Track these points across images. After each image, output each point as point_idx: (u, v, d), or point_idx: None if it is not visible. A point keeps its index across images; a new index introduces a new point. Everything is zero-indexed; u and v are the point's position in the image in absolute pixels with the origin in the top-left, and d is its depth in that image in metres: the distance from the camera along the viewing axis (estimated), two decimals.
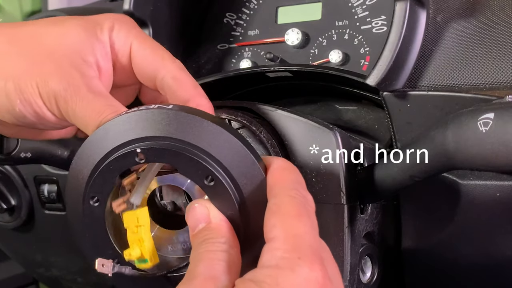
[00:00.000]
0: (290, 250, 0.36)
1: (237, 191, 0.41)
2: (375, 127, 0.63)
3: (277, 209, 0.38)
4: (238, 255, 0.39)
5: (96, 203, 0.43)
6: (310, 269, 0.35)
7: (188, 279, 0.37)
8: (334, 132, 0.49)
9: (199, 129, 0.41)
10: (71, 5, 1.15)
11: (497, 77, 0.53)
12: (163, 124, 0.41)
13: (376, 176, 0.49)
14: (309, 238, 0.37)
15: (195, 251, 0.39)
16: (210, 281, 0.36)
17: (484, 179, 0.53)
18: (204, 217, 0.40)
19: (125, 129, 0.42)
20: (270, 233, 0.37)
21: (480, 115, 0.41)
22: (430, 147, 0.45)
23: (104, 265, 0.43)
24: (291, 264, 0.35)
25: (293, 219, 0.37)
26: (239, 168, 0.41)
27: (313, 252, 0.36)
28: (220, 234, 0.39)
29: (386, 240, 0.57)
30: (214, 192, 0.40)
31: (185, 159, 0.40)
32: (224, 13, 0.77)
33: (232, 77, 0.66)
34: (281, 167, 0.41)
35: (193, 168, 0.40)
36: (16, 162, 0.59)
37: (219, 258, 0.37)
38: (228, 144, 0.41)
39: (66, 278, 0.92)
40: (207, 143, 0.41)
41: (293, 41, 0.70)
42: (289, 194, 0.39)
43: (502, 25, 0.55)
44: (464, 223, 0.56)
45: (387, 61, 0.55)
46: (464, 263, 0.58)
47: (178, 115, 0.41)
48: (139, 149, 0.41)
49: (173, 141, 0.41)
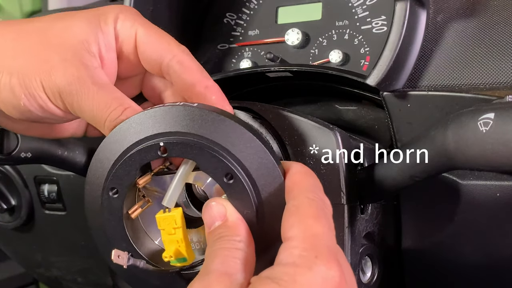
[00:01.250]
0: (308, 249, 0.36)
1: (255, 191, 0.41)
2: (375, 127, 0.63)
3: (295, 210, 0.39)
4: (253, 255, 0.39)
5: (115, 194, 0.44)
6: (327, 267, 0.35)
7: (202, 274, 0.37)
8: (334, 132, 0.49)
9: (222, 127, 0.42)
10: (71, 5, 1.15)
11: (497, 77, 0.53)
12: (187, 120, 0.42)
13: (376, 176, 0.49)
14: (327, 239, 0.37)
15: (210, 248, 0.39)
16: (225, 277, 0.36)
17: (484, 179, 0.53)
18: (221, 215, 0.41)
19: (149, 123, 0.43)
20: (288, 232, 0.38)
21: (480, 115, 0.41)
22: (430, 147, 0.45)
23: (120, 257, 0.43)
24: (308, 262, 0.35)
25: (312, 220, 0.38)
26: (259, 169, 0.41)
27: (330, 252, 0.36)
28: (235, 232, 0.40)
29: (386, 240, 0.57)
30: (233, 190, 0.41)
31: (207, 155, 0.41)
32: (224, 13, 0.77)
33: (232, 77, 0.66)
34: (300, 171, 0.42)
35: (214, 165, 0.41)
36: (16, 162, 0.59)
37: (234, 256, 0.38)
38: (250, 144, 0.42)
39: (66, 278, 0.92)
40: (230, 142, 0.41)
41: (293, 41, 0.70)
42: (308, 196, 0.39)
43: (502, 25, 0.55)
44: (464, 223, 0.56)
45: (387, 61, 0.55)
46: (464, 263, 0.58)
47: (203, 112, 0.42)
48: (162, 142, 0.42)
49: (196, 137, 0.42)
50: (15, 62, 0.46)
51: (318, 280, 0.35)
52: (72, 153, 0.61)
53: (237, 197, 0.41)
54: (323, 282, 0.35)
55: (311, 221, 0.38)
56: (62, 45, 0.47)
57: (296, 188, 0.41)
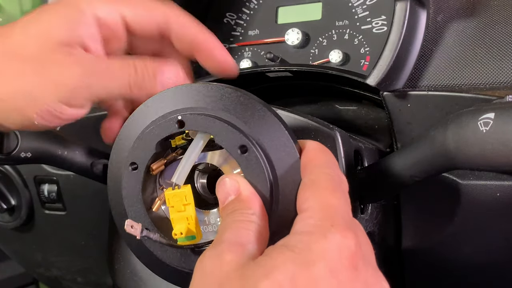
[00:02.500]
0: (323, 218, 0.36)
1: (270, 165, 0.42)
2: (375, 127, 0.63)
3: (311, 183, 0.39)
4: (266, 228, 0.39)
5: (134, 170, 0.45)
6: (342, 236, 0.35)
7: (215, 243, 0.37)
8: (334, 132, 0.49)
9: (237, 102, 0.43)
10: None
11: (497, 77, 0.53)
12: (204, 96, 0.44)
13: (376, 176, 0.49)
14: (343, 211, 0.37)
15: (223, 222, 0.39)
16: (237, 246, 0.36)
17: (484, 179, 0.53)
18: (234, 189, 0.41)
19: (168, 102, 0.45)
20: (304, 204, 0.38)
21: (480, 115, 0.41)
22: (430, 147, 0.44)
23: (133, 227, 0.44)
24: (323, 230, 0.35)
25: (327, 192, 0.38)
26: (274, 143, 0.42)
27: (346, 222, 0.36)
28: (248, 205, 0.40)
29: (386, 240, 0.57)
30: (247, 163, 0.42)
31: (222, 127, 0.42)
32: (224, 13, 0.77)
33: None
34: (315, 148, 0.42)
35: (229, 137, 0.42)
36: (16, 162, 0.59)
37: (247, 227, 0.38)
38: (265, 119, 0.43)
39: (66, 278, 0.92)
40: (245, 116, 0.43)
41: (293, 41, 0.70)
42: (324, 171, 0.40)
43: (502, 25, 0.55)
44: (464, 223, 0.56)
45: (387, 61, 0.55)
46: (464, 263, 0.58)
47: (217, 87, 0.44)
48: (180, 116, 0.43)
49: (211, 111, 0.43)
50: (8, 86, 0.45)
51: (333, 248, 0.34)
52: (72, 153, 0.61)
53: (251, 171, 0.41)
54: (338, 250, 0.34)
55: (327, 193, 0.38)
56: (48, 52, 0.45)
57: (312, 163, 0.41)
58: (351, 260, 0.35)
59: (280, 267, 0.33)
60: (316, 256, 0.34)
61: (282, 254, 0.34)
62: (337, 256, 0.34)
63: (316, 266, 0.33)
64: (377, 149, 0.57)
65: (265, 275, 0.33)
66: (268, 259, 0.34)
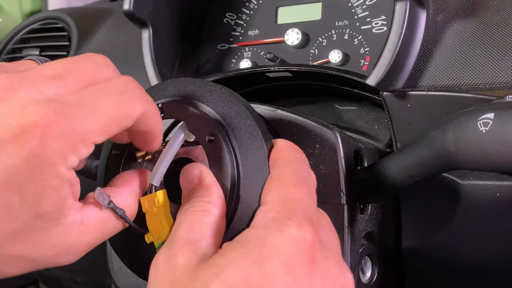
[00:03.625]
0: (282, 211, 0.35)
1: (235, 157, 0.42)
2: (375, 127, 0.63)
3: (277, 177, 0.39)
4: (223, 219, 0.38)
5: (116, 151, 0.46)
6: (298, 229, 0.34)
7: (168, 243, 0.36)
8: (334, 132, 0.49)
9: (217, 96, 0.44)
10: (71, 5, 1.15)
11: (497, 77, 0.53)
12: (184, 88, 0.46)
13: (376, 176, 0.49)
14: (304, 204, 0.36)
15: (179, 214, 0.38)
16: (189, 246, 0.35)
17: (484, 179, 0.53)
18: (195, 178, 0.40)
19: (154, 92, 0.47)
20: (266, 197, 0.37)
21: (480, 115, 0.41)
22: (430, 147, 0.45)
23: (102, 197, 0.41)
24: (280, 224, 0.34)
25: (291, 186, 0.37)
26: (244, 138, 0.42)
27: (305, 214, 0.35)
28: (206, 193, 0.39)
29: (386, 240, 0.57)
30: (213, 152, 0.42)
31: (194, 115, 0.43)
32: (224, 13, 0.77)
33: (232, 77, 0.66)
34: (285, 145, 0.42)
35: (199, 123, 0.43)
36: None
37: (201, 220, 0.37)
38: (237, 113, 0.43)
39: (66, 278, 0.92)
40: (220, 109, 0.44)
41: (293, 41, 0.70)
42: (292, 166, 0.39)
43: (502, 25, 0.55)
44: (464, 223, 0.56)
45: (387, 61, 0.55)
46: (464, 263, 0.58)
47: (202, 82, 0.46)
48: (160, 104, 0.44)
49: (189, 100, 0.45)
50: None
51: (289, 242, 0.33)
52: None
53: (216, 160, 0.42)
54: (294, 244, 0.33)
55: (290, 187, 0.37)
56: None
57: (280, 159, 0.40)
58: (308, 253, 0.34)
59: (231, 266, 0.32)
60: (270, 251, 0.33)
61: (235, 251, 0.33)
62: (293, 250, 0.33)
63: (270, 262, 0.32)
64: (377, 149, 0.57)
65: (216, 275, 0.32)
66: (220, 257, 0.33)
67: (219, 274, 0.32)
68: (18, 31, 0.96)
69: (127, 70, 0.78)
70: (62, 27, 0.92)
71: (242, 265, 0.32)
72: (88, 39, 0.89)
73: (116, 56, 0.82)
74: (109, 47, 0.86)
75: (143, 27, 0.70)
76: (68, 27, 0.91)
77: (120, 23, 0.87)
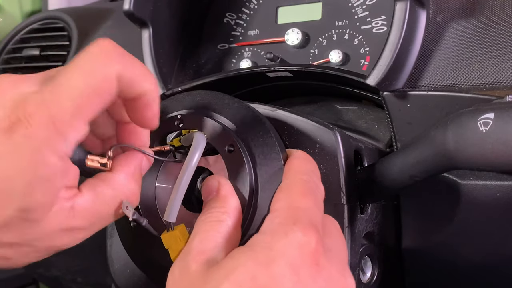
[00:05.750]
0: (288, 217, 0.37)
1: (253, 167, 0.43)
2: (375, 127, 0.63)
3: (286, 188, 0.41)
4: (238, 229, 0.40)
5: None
6: (303, 234, 0.36)
7: (184, 253, 0.38)
8: (334, 132, 0.49)
9: (233, 108, 0.46)
10: (71, 5, 1.15)
11: (497, 77, 0.53)
12: (203, 101, 0.48)
13: (376, 176, 0.49)
14: (309, 212, 0.38)
15: (197, 221, 0.40)
16: (202, 255, 0.37)
17: (484, 179, 0.53)
18: (214, 189, 0.42)
19: (173, 105, 0.49)
20: (275, 205, 0.39)
21: (480, 115, 0.41)
22: (430, 147, 0.45)
23: (128, 208, 0.42)
24: (285, 229, 0.36)
25: (298, 196, 0.39)
26: (261, 149, 0.44)
27: (310, 221, 0.37)
28: (223, 204, 0.40)
29: (386, 240, 0.57)
30: (232, 162, 0.43)
31: (213, 126, 0.45)
32: (224, 13, 0.77)
33: (232, 77, 0.66)
34: (299, 157, 0.44)
35: (218, 135, 0.44)
36: None
37: (216, 229, 0.38)
38: (257, 126, 0.45)
39: (66, 278, 0.92)
40: (237, 121, 0.45)
41: (293, 41, 0.70)
42: (301, 178, 0.41)
43: (502, 25, 0.55)
44: (464, 223, 0.56)
45: (387, 61, 0.55)
46: (464, 263, 0.58)
47: (217, 95, 0.47)
48: (180, 115, 0.46)
49: (207, 112, 0.46)
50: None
51: (294, 245, 0.35)
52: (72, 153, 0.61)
53: (234, 170, 0.43)
54: (298, 248, 0.35)
55: (298, 196, 0.39)
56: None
57: (292, 170, 0.42)
58: (312, 257, 0.35)
59: (240, 267, 0.34)
60: (277, 254, 0.35)
61: (243, 254, 0.35)
62: (297, 253, 0.35)
63: (276, 264, 0.34)
64: (377, 149, 0.57)
65: (226, 277, 0.34)
66: (230, 260, 0.35)
67: (229, 275, 0.34)
68: (18, 31, 0.96)
69: None
70: (62, 27, 0.92)
71: (250, 267, 0.34)
72: (88, 39, 0.89)
73: None
74: None
75: (143, 27, 0.70)
76: (68, 27, 0.91)
77: (120, 23, 0.87)
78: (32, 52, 0.90)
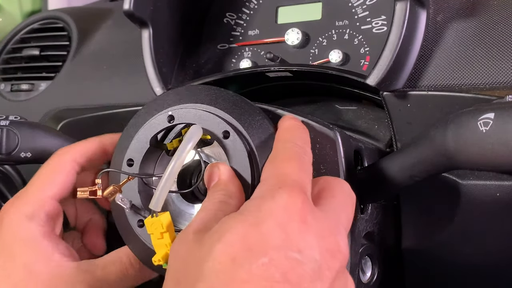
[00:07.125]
0: (274, 183, 0.39)
1: (250, 148, 0.45)
2: (375, 127, 0.63)
3: (272, 157, 0.43)
4: (237, 206, 0.42)
5: (131, 166, 0.49)
6: (289, 195, 0.38)
7: (186, 228, 0.40)
8: (334, 132, 0.49)
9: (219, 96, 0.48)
10: (71, 5, 1.15)
11: (497, 77, 0.53)
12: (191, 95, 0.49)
13: (376, 176, 0.49)
14: (295, 175, 0.40)
15: (202, 205, 0.43)
16: (202, 228, 0.39)
17: (484, 179, 0.53)
18: (215, 176, 0.44)
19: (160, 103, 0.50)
20: (263, 175, 0.42)
21: (480, 115, 0.41)
22: (430, 147, 0.45)
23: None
24: (272, 192, 0.38)
25: (283, 163, 0.42)
26: (256, 128, 0.46)
27: (295, 183, 0.39)
28: (225, 187, 0.43)
29: (386, 240, 0.57)
30: (230, 147, 0.45)
31: (209, 117, 0.47)
32: (224, 13, 0.77)
33: (232, 77, 0.66)
34: (283, 126, 0.47)
35: (212, 123, 0.46)
36: (16, 162, 0.59)
37: (218, 209, 0.41)
38: (248, 110, 0.47)
39: None
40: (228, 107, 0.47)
41: (293, 41, 0.70)
42: (284, 146, 0.44)
43: (502, 25, 0.55)
44: (464, 223, 0.56)
45: (387, 61, 0.55)
46: (464, 263, 0.58)
47: (204, 88, 0.49)
48: (170, 111, 0.48)
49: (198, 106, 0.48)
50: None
51: (280, 206, 0.37)
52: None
53: (234, 154, 0.45)
54: (284, 208, 0.37)
55: (282, 163, 0.42)
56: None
57: (277, 140, 0.45)
58: (299, 215, 0.37)
59: (232, 230, 0.36)
60: (265, 214, 0.37)
61: (234, 218, 0.38)
62: (284, 212, 0.37)
63: (265, 224, 0.36)
64: (377, 149, 0.57)
65: (218, 239, 0.36)
66: (221, 224, 0.38)
67: (221, 238, 0.36)
68: (18, 31, 0.96)
69: (127, 70, 0.78)
70: (62, 27, 0.92)
71: (241, 228, 0.36)
72: (88, 39, 0.89)
73: (116, 56, 0.82)
74: (109, 47, 0.86)
75: (143, 27, 0.70)
76: (68, 27, 0.91)
77: (120, 23, 0.87)
78: (32, 52, 0.90)
